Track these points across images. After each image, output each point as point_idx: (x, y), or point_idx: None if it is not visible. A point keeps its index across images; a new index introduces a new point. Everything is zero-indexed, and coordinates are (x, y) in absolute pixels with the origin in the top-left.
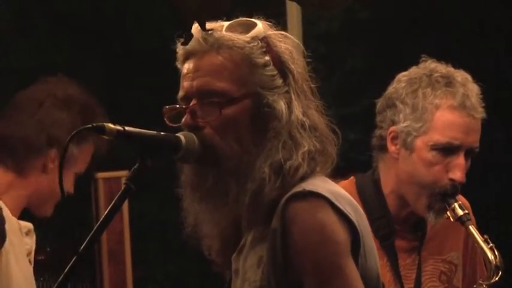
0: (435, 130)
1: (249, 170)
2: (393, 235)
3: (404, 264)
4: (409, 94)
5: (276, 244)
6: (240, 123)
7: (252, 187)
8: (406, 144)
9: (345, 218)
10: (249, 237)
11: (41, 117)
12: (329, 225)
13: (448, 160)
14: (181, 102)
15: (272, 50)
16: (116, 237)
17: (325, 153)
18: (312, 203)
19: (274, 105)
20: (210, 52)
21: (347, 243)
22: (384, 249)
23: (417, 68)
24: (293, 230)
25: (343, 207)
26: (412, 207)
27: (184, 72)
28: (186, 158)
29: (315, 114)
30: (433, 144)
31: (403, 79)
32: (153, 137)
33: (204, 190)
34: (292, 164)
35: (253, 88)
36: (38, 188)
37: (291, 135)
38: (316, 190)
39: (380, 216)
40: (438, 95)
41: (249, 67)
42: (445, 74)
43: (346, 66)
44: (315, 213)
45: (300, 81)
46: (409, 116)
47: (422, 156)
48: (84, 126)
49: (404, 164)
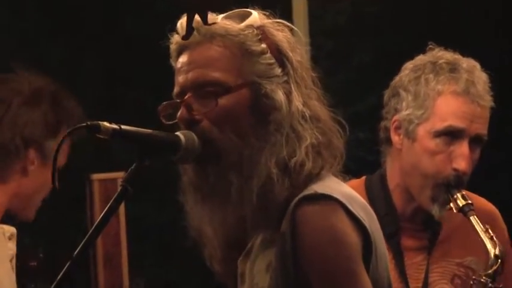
0: (437, 116)
1: (253, 165)
2: (399, 233)
3: (411, 263)
4: (411, 81)
5: (286, 248)
6: (239, 114)
7: (258, 184)
8: (409, 133)
9: (357, 222)
10: (258, 240)
11: (12, 119)
12: (341, 230)
13: (451, 149)
14: (177, 99)
15: (268, 38)
16: (111, 241)
17: (331, 147)
18: (324, 206)
19: (272, 95)
20: (203, 43)
21: (359, 248)
22: (389, 246)
23: (423, 56)
24: (304, 234)
25: (356, 211)
26: (416, 200)
27: (178, 67)
28: (186, 158)
29: (317, 104)
30: (434, 131)
31: (408, 66)
32: (151, 136)
33: (205, 189)
34: (297, 160)
35: (250, 77)
36: (20, 191)
37: (293, 128)
38: (329, 193)
39: (385, 214)
40: (441, 80)
41: (245, 55)
42: (451, 61)
43: (354, 62)
44: (326, 217)
45: (300, 70)
46: (411, 104)
47: (424, 145)
48: (78, 125)
49: (408, 155)
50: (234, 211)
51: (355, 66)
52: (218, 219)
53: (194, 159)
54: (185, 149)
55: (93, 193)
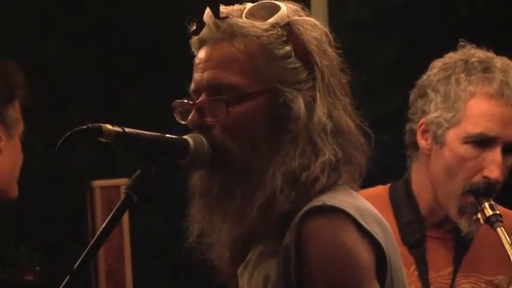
0: (468, 120)
1: (260, 178)
2: (424, 242)
3: (437, 276)
4: (441, 81)
5: (288, 264)
6: (254, 123)
7: (261, 197)
8: (437, 137)
9: (370, 238)
10: (256, 251)
11: None
12: (351, 247)
13: (483, 156)
14: (192, 96)
15: (295, 38)
16: (114, 254)
17: (351, 162)
18: (333, 220)
19: (292, 104)
20: (223, 41)
21: (371, 266)
22: (413, 256)
23: (454, 53)
24: (310, 250)
25: (369, 225)
26: (444, 209)
27: (196, 62)
28: (195, 164)
29: (343, 115)
30: (465, 137)
31: (437, 65)
32: (157, 139)
33: (209, 197)
34: (309, 175)
35: (270, 83)
36: None
37: (311, 140)
38: (338, 205)
39: (410, 221)
40: (473, 81)
41: (267, 59)
42: (484, 59)
43: (379, 59)
44: (335, 232)
45: (327, 76)
46: (440, 105)
47: (454, 150)
48: (78, 128)
49: (436, 161)
50: (233, 224)
51: (380, 63)
52: (219, 227)
53: (203, 165)
54: (194, 154)
55: (94, 201)
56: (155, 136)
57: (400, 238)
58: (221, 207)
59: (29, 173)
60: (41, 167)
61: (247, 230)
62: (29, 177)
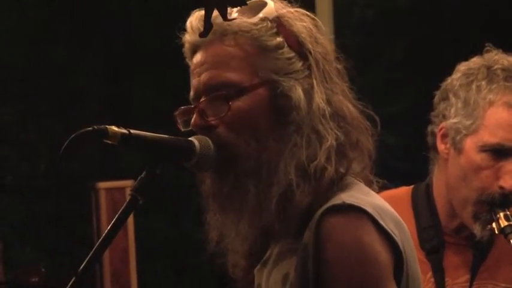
0: (486, 129)
1: (272, 172)
2: (442, 248)
3: (454, 283)
4: (463, 86)
5: (307, 262)
6: (256, 116)
7: (277, 192)
8: (455, 143)
9: (387, 236)
10: (275, 249)
11: None
12: (370, 245)
13: (499, 165)
14: (193, 103)
15: (286, 30)
16: (119, 257)
17: (358, 147)
18: (352, 218)
19: (290, 94)
20: (215, 41)
21: (389, 264)
22: (430, 262)
23: (479, 58)
24: (328, 248)
25: (387, 225)
26: (458, 216)
27: (192, 69)
28: (201, 165)
29: (342, 100)
30: (482, 145)
31: (461, 69)
32: (163, 141)
33: (222, 197)
34: (317, 165)
35: (266, 75)
36: None
37: (314, 128)
38: (357, 204)
39: (429, 226)
40: (493, 89)
41: (259, 52)
42: (507, 67)
43: (384, 60)
44: (354, 230)
45: (322, 62)
46: (460, 111)
47: (470, 158)
48: (84, 130)
49: (453, 167)
50: (251, 220)
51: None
52: (241, 231)
53: (210, 166)
54: (199, 155)
55: (99, 203)
56: (161, 138)
57: (418, 243)
58: (235, 205)
59: (34, 175)
60: (46, 169)
61: (267, 223)
62: (34, 179)
